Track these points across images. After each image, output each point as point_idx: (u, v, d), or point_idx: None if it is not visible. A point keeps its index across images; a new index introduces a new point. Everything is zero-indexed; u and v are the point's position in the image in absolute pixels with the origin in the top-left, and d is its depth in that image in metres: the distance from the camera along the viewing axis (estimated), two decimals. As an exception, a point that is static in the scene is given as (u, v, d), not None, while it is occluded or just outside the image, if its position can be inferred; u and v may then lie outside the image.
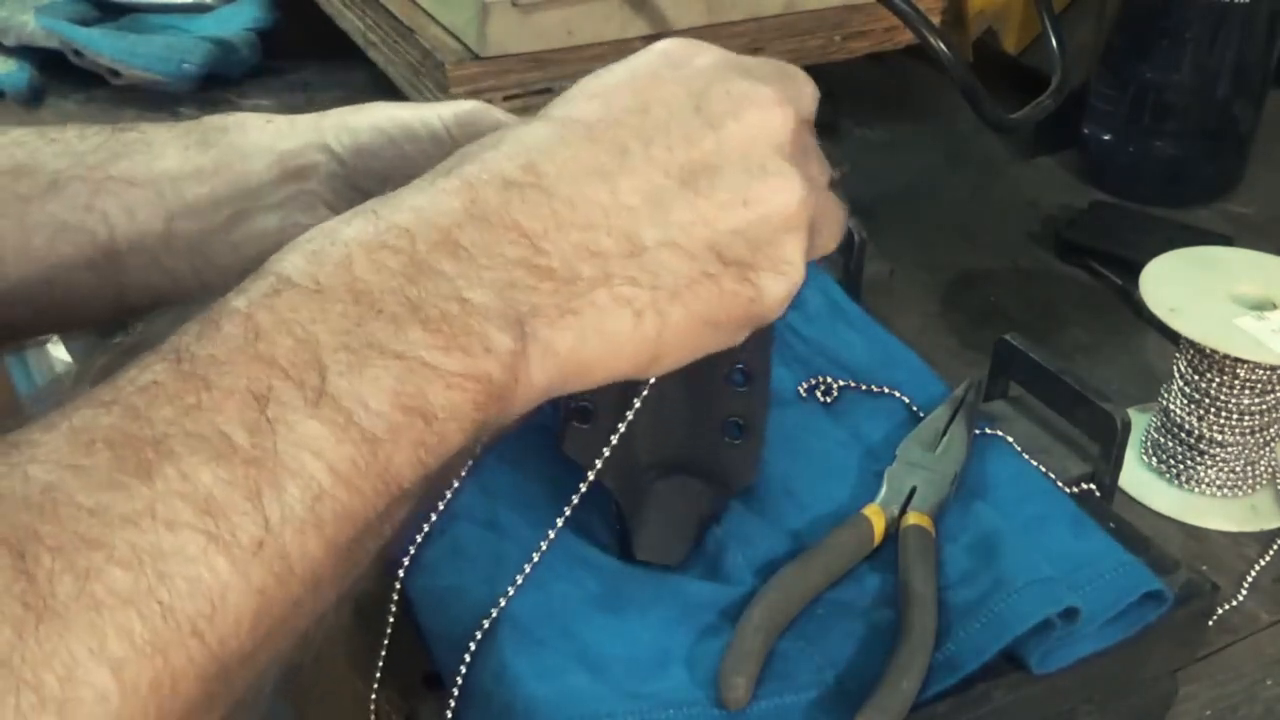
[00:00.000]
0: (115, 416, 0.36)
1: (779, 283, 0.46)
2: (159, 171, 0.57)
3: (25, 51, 0.99)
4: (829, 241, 0.50)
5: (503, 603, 0.53)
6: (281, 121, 0.59)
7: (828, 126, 1.08)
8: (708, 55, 0.47)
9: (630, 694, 0.50)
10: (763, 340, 0.57)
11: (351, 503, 0.38)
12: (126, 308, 0.59)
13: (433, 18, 0.79)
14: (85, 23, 1.00)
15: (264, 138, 0.58)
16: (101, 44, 0.97)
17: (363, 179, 0.57)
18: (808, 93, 0.50)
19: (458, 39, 0.77)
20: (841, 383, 0.66)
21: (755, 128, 0.46)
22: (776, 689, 0.51)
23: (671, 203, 0.44)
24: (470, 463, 0.51)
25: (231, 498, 0.35)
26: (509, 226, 0.42)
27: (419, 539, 0.56)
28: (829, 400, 0.66)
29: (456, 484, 0.57)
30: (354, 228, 0.41)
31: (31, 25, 0.98)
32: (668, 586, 0.55)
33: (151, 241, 0.57)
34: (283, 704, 0.69)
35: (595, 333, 0.43)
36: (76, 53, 0.97)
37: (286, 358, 0.38)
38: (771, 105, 0.46)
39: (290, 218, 0.58)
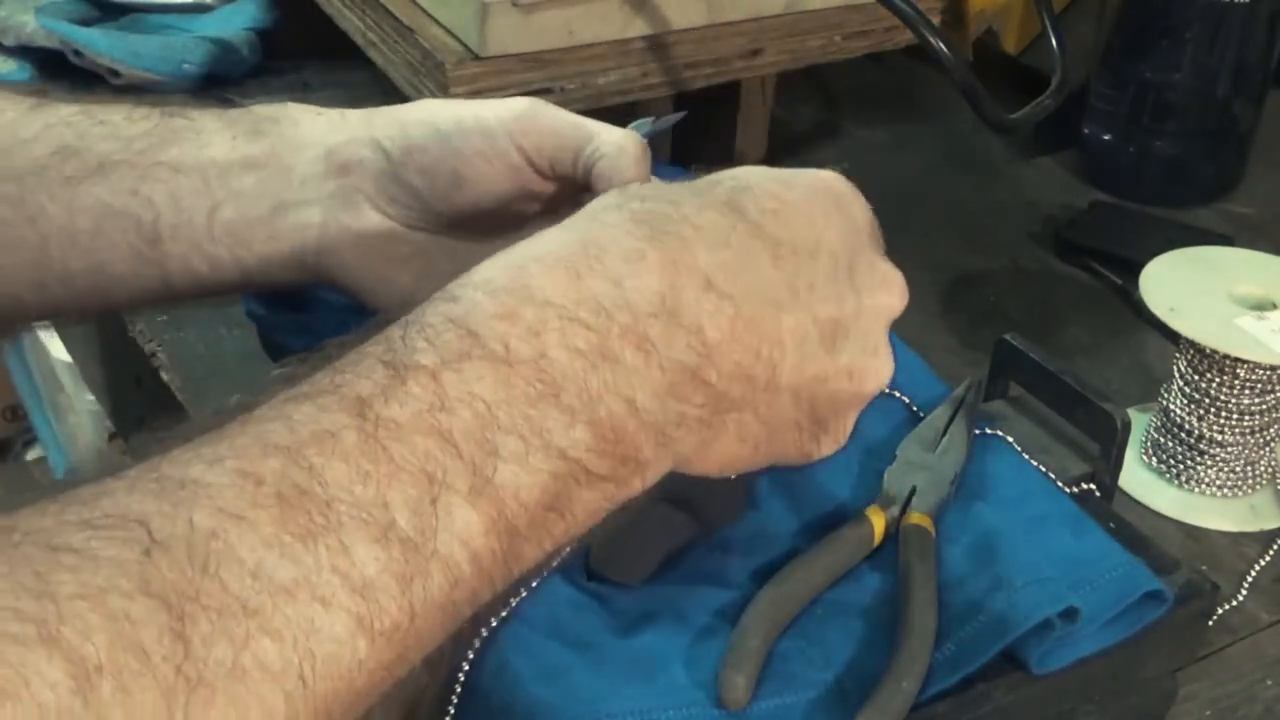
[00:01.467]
0: (286, 464, 0.35)
1: (830, 445, 0.50)
2: (206, 159, 0.57)
3: (25, 51, 0.99)
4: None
5: (513, 602, 0.53)
6: (333, 115, 0.59)
7: (828, 126, 1.09)
8: (864, 208, 0.50)
9: (630, 694, 0.50)
10: None
11: (480, 590, 0.38)
12: (168, 291, 0.59)
13: (433, 18, 0.79)
14: (85, 23, 1.00)
15: (315, 131, 0.58)
16: (101, 44, 0.97)
17: (409, 174, 0.56)
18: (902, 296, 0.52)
19: (458, 39, 0.77)
20: (841, 383, 0.66)
21: (882, 310, 0.48)
22: (776, 689, 0.51)
23: (811, 353, 0.46)
24: None
25: (384, 581, 0.35)
26: (694, 330, 0.42)
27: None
28: (829, 400, 0.66)
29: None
30: (553, 281, 0.41)
31: (31, 25, 0.98)
32: (668, 587, 0.55)
33: (194, 228, 0.57)
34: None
35: (710, 446, 0.45)
36: (76, 53, 0.97)
37: (463, 434, 0.37)
38: (897, 294, 0.49)
39: (332, 213, 0.57)
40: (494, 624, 0.53)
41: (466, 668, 0.51)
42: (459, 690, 0.51)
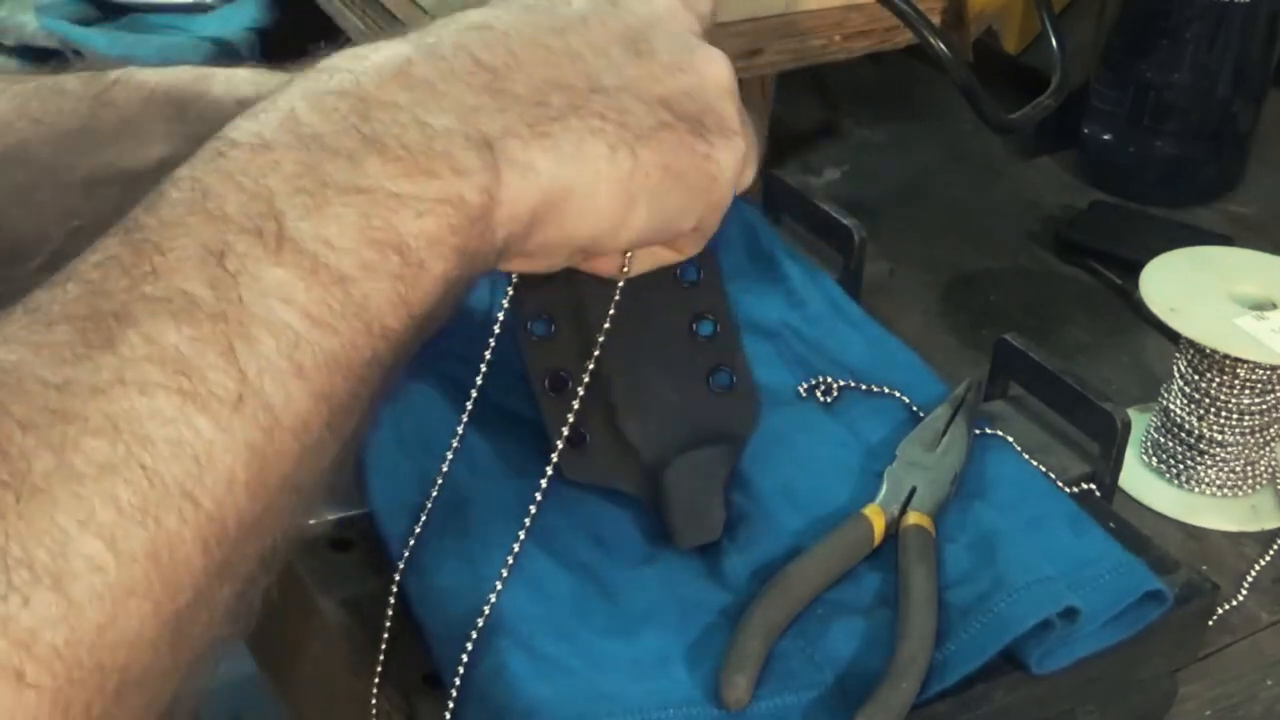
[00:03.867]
0: (72, 294, 0.35)
1: (727, 146, 0.47)
2: (146, 160, 0.57)
3: (25, 51, 0.98)
4: (751, 169, 0.51)
5: (492, 598, 0.53)
6: (252, 102, 0.59)
7: (828, 126, 1.09)
8: None
9: (630, 694, 0.50)
10: (713, 276, 0.59)
11: (332, 347, 0.37)
12: None
13: (433, 18, 0.79)
14: (85, 23, 1.00)
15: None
16: (101, 44, 0.97)
17: None
18: (705, 3, 0.51)
19: (458, 39, 0.77)
20: (841, 383, 0.66)
21: (668, 17, 0.48)
22: (776, 689, 0.51)
23: (619, 58, 0.45)
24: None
25: (203, 354, 0.34)
26: (467, 60, 0.42)
27: (414, 540, 0.56)
28: (829, 400, 0.66)
29: (447, 465, 0.57)
30: (296, 85, 0.41)
31: (31, 25, 0.98)
32: (668, 587, 0.55)
33: None
34: (283, 704, 0.69)
35: (574, 155, 0.43)
36: (76, 53, 0.97)
37: (240, 211, 0.37)
38: (676, 6, 0.48)
39: None
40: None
41: (463, 669, 0.51)
42: (456, 691, 0.51)
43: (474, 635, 0.52)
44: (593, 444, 0.57)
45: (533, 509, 0.55)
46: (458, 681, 0.51)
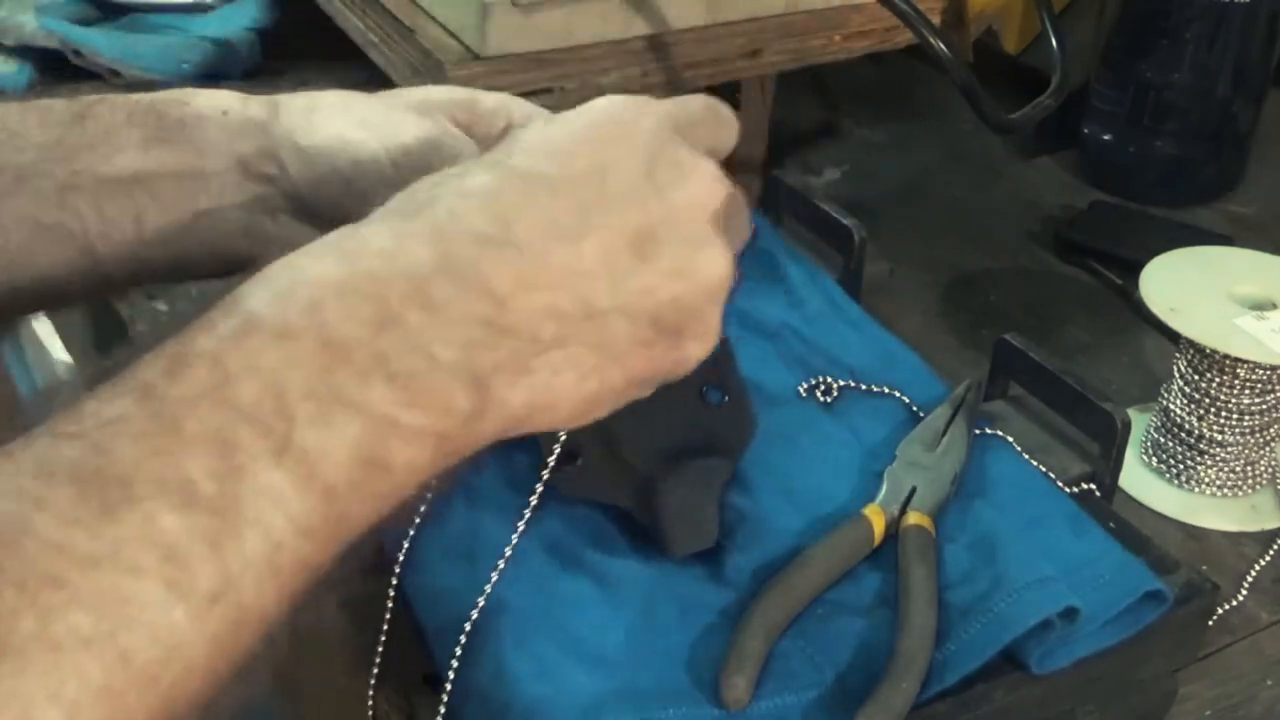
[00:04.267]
0: (79, 451, 0.35)
1: (700, 347, 0.48)
2: (122, 168, 0.57)
3: (25, 51, 0.98)
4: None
5: (487, 589, 0.53)
6: (236, 112, 0.59)
7: (828, 126, 1.09)
8: (651, 117, 0.48)
9: (630, 694, 0.50)
10: None
11: (308, 553, 0.38)
12: (113, 287, 0.59)
13: (433, 18, 0.79)
14: (85, 23, 1.00)
15: (221, 137, 0.58)
16: (101, 44, 0.97)
17: (318, 204, 0.57)
18: (729, 133, 0.51)
19: (458, 39, 0.77)
20: (841, 383, 0.66)
21: (696, 197, 0.47)
22: (776, 689, 0.51)
23: (624, 272, 0.45)
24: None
25: (194, 546, 0.35)
26: (478, 284, 0.42)
27: (410, 537, 0.56)
28: (829, 400, 0.66)
29: (438, 486, 0.57)
30: (323, 266, 0.41)
31: (31, 25, 0.98)
32: (668, 587, 0.55)
33: (125, 235, 0.57)
34: (282, 704, 0.69)
35: (545, 391, 0.44)
36: (76, 53, 0.97)
37: (254, 404, 0.37)
38: (709, 178, 0.47)
39: (254, 218, 0.58)
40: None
41: (455, 665, 0.51)
42: (451, 687, 0.51)
43: (473, 635, 0.52)
44: (586, 461, 0.57)
45: (527, 512, 0.55)
46: (450, 676, 0.51)
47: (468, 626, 0.52)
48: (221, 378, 0.37)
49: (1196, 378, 0.70)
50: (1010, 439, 0.63)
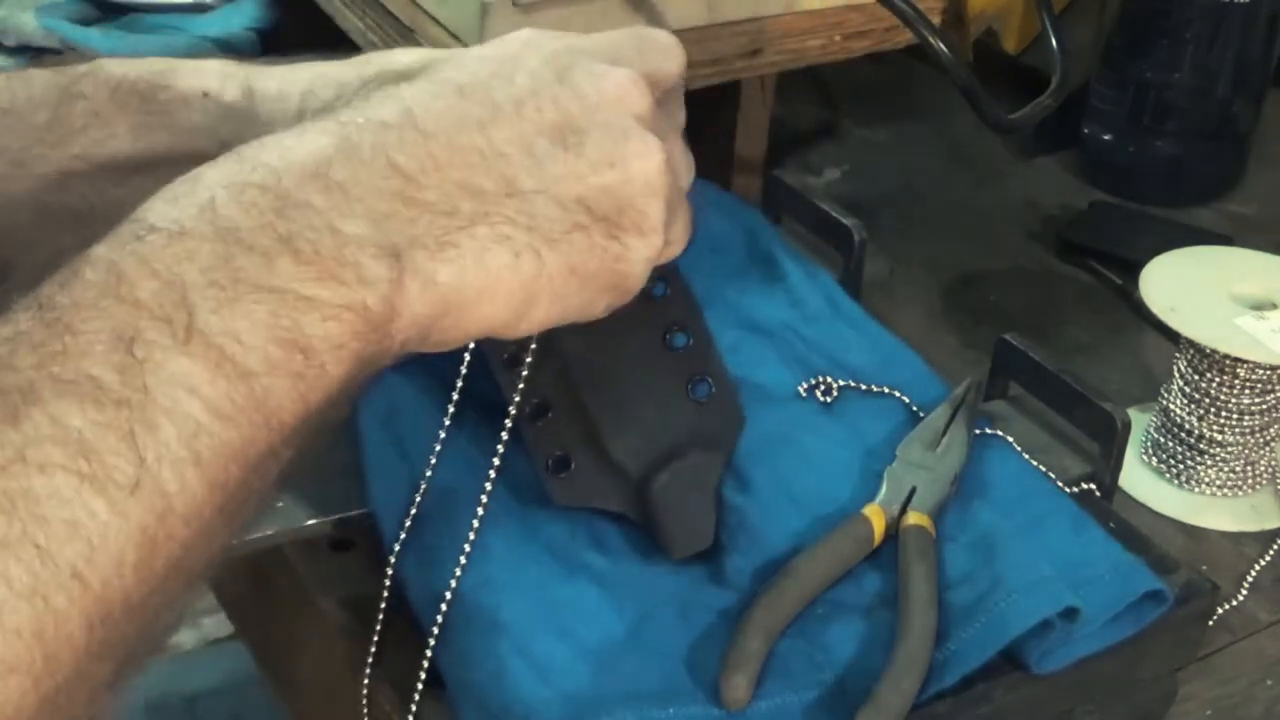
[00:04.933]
0: None
1: (642, 245, 0.47)
2: (117, 152, 0.57)
3: (25, 51, 0.98)
4: (679, 240, 0.51)
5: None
6: (215, 101, 0.58)
7: (828, 126, 1.09)
8: (566, 39, 0.49)
9: (630, 694, 0.50)
10: (680, 289, 0.59)
11: (231, 439, 0.37)
12: None
13: (433, 18, 0.79)
14: (85, 23, 1.00)
15: (205, 121, 0.58)
16: (101, 44, 0.97)
17: None
18: (671, 64, 0.51)
19: (458, 39, 0.77)
20: (841, 383, 0.66)
21: (615, 97, 0.47)
22: (776, 689, 0.51)
23: (544, 155, 0.45)
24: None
25: (104, 438, 0.35)
26: (384, 164, 0.42)
27: (413, 541, 0.56)
28: (829, 400, 0.66)
29: (441, 468, 0.57)
30: (218, 170, 0.41)
31: (31, 25, 0.98)
32: (668, 587, 0.55)
33: (122, 216, 0.58)
34: (281, 703, 0.70)
35: (475, 266, 0.44)
36: (76, 52, 0.97)
37: (152, 298, 0.37)
38: (629, 81, 0.48)
39: None
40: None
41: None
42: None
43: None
44: (578, 468, 0.57)
45: (496, 460, 0.55)
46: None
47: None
48: (115, 279, 0.37)
49: (1196, 378, 0.70)
50: (1010, 439, 0.63)
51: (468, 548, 0.55)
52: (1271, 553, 0.69)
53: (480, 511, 0.57)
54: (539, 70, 0.47)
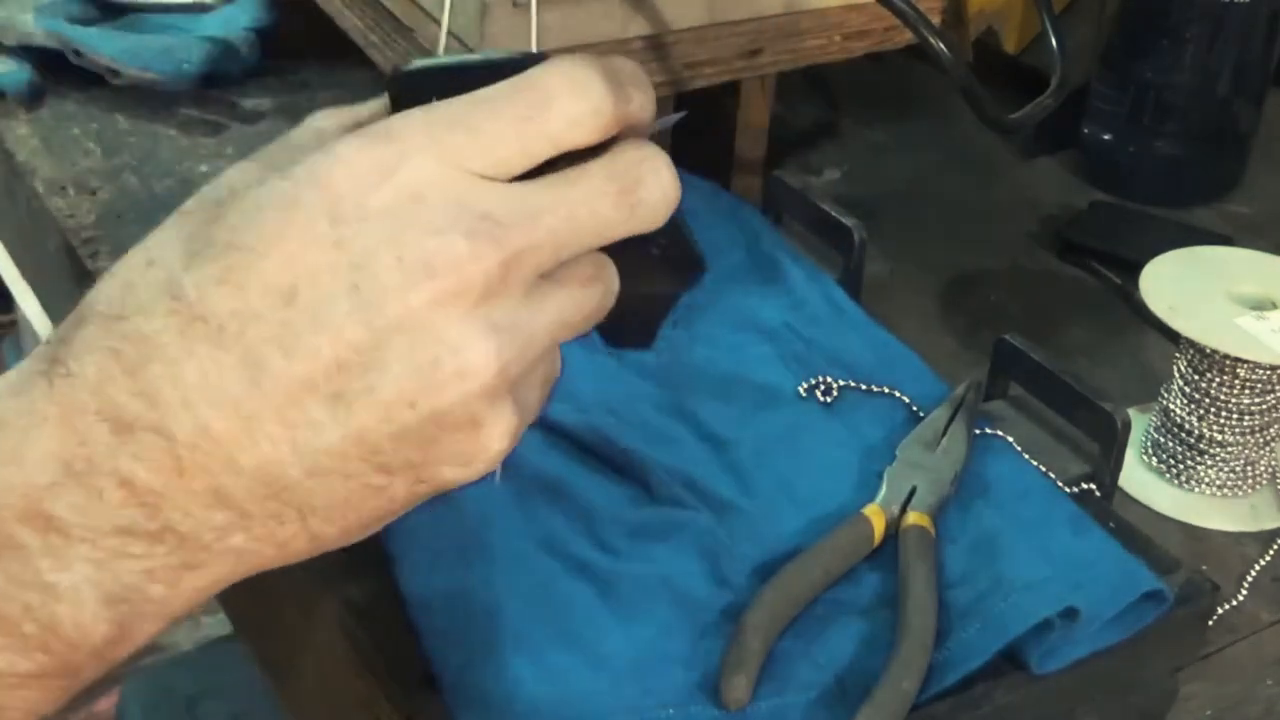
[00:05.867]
0: None
1: (468, 471, 0.39)
2: None
3: (25, 51, 0.98)
4: (535, 407, 0.41)
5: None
6: None
7: (828, 126, 1.09)
8: (388, 190, 0.36)
9: (630, 694, 0.50)
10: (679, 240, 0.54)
11: None
12: None
13: (433, 18, 0.79)
14: (85, 23, 1.00)
15: None
16: (101, 44, 0.97)
17: None
18: (570, 109, 0.38)
19: (458, 38, 0.77)
20: (841, 383, 0.66)
21: (425, 307, 0.36)
22: (776, 689, 0.51)
23: (318, 426, 0.36)
24: None
25: None
26: (118, 485, 0.35)
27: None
28: (829, 400, 0.66)
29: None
30: None
31: (31, 25, 0.98)
32: (668, 587, 0.55)
33: None
34: (283, 705, 0.69)
35: (231, 574, 0.38)
36: (76, 53, 0.97)
37: None
38: (456, 266, 0.36)
39: None
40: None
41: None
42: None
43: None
44: None
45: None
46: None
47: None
48: None
49: (1196, 378, 0.70)
50: (1010, 439, 0.63)
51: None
52: (1271, 553, 0.69)
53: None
54: (329, 272, 0.36)
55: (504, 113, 0.37)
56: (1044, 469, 0.62)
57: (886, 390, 0.66)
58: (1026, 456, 0.63)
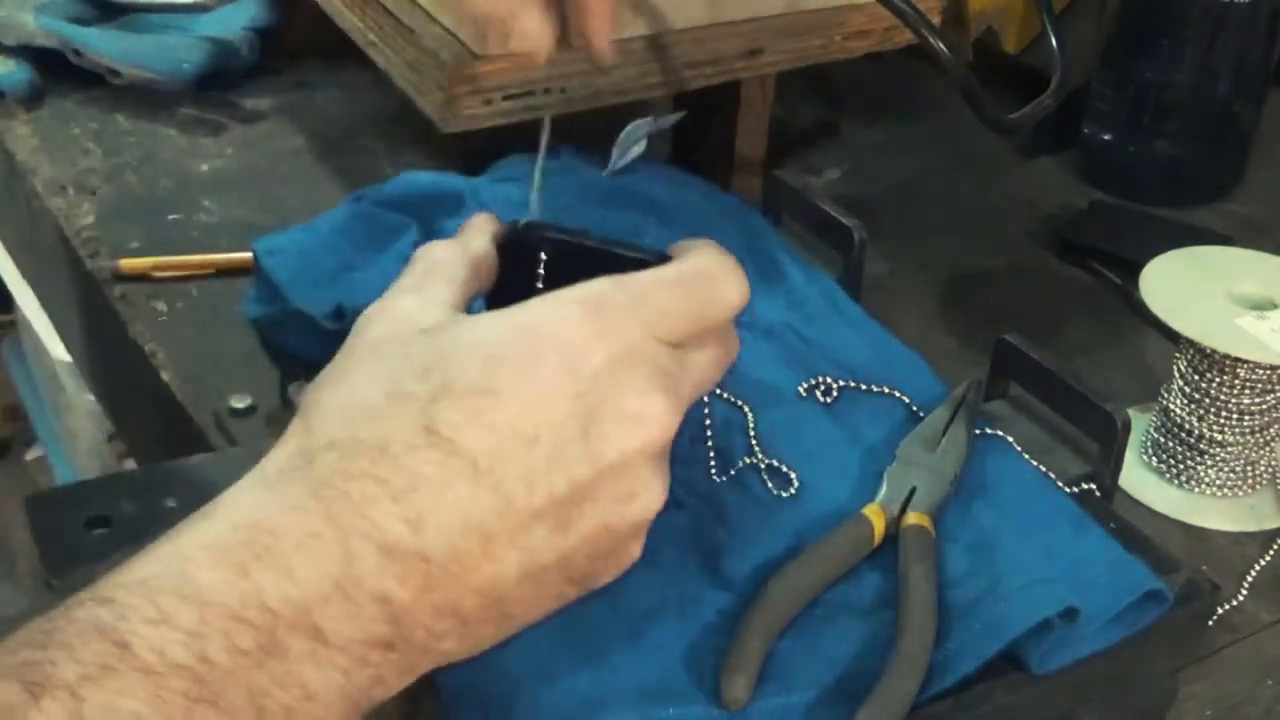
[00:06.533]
0: None
1: (616, 576, 0.47)
2: None
3: (25, 51, 0.99)
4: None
5: None
6: None
7: (828, 126, 1.09)
8: (603, 351, 0.44)
9: (630, 694, 0.50)
10: None
11: None
12: None
13: (433, 17, 0.79)
14: (85, 23, 1.00)
15: None
16: (101, 44, 0.97)
17: None
18: (735, 296, 0.48)
19: (458, 38, 0.77)
20: (841, 383, 0.66)
21: (637, 450, 0.44)
22: (776, 689, 0.51)
23: (541, 546, 0.43)
24: None
25: None
26: (375, 600, 0.41)
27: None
28: (829, 400, 0.66)
29: None
30: (214, 579, 0.39)
31: (31, 25, 0.98)
32: (668, 587, 0.55)
33: None
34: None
35: (417, 677, 0.43)
36: (76, 52, 0.97)
37: None
38: (657, 421, 0.44)
39: None
40: None
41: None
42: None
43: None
44: None
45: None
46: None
47: None
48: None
49: (1196, 378, 0.70)
50: (1010, 439, 0.63)
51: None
52: (1271, 553, 0.69)
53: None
54: (565, 421, 0.43)
55: (688, 297, 0.47)
56: (1044, 469, 0.62)
57: (886, 390, 0.66)
58: (1026, 456, 0.63)
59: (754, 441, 0.62)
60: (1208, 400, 0.70)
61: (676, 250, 0.49)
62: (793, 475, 0.61)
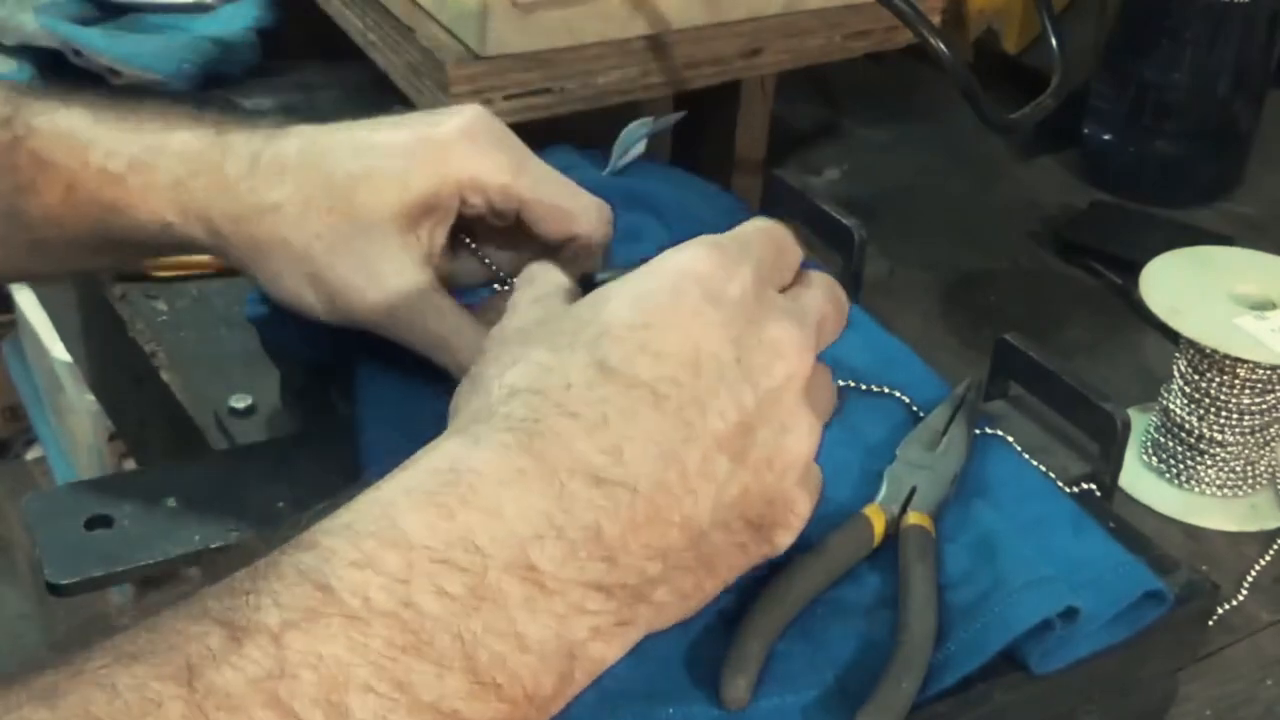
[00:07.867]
0: None
1: (789, 535, 0.47)
2: (85, 234, 0.61)
3: (25, 51, 0.98)
4: (817, 491, 0.51)
5: None
6: (176, 233, 0.60)
7: (828, 126, 1.09)
8: (736, 283, 0.45)
9: (630, 694, 0.50)
10: None
11: None
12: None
13: (433, 17, 0.79)
14: (85, 23, 1.00)
15: (167, 238, 0.60)
16: (101, 44, 0.97)
17: None
18: (795, 256, 0.50)
19: (458, 39, 0.77)
20: (841, 383, 0.66)
21: (786, 377, 0.45)
22: (776, 689, 0.51)
23: (725, 477, 0.43)
24: None
25: None
26: (589, 537, 0.40)
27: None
28: (829, 400, 0.66)
29: None
30: (419, 521, 0.38)
31: (31, 25, 0.98)
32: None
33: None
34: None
35: (635, 640, 0.43)
36: (76, 53, 0.97)
37: (309, 701, 0.35)
38: (797, 351, 0.46)
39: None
40: None
41: None
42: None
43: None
44: None
45: None
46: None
47: None
48: (276, 667, 0.35)
49: (1196, 378, 0.70)
50: (1010, 439, 0.63)
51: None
52: (1271, 553, 0.69)
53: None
54: (720, 347, 0.44)
55: (772, 249, 0.48)
56: (1044, 469, 0.62)
57: (886, 390, 0.66)
58: (1026, 456, 0.63)
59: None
60: (1208, 400, 0.70)
61: None
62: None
